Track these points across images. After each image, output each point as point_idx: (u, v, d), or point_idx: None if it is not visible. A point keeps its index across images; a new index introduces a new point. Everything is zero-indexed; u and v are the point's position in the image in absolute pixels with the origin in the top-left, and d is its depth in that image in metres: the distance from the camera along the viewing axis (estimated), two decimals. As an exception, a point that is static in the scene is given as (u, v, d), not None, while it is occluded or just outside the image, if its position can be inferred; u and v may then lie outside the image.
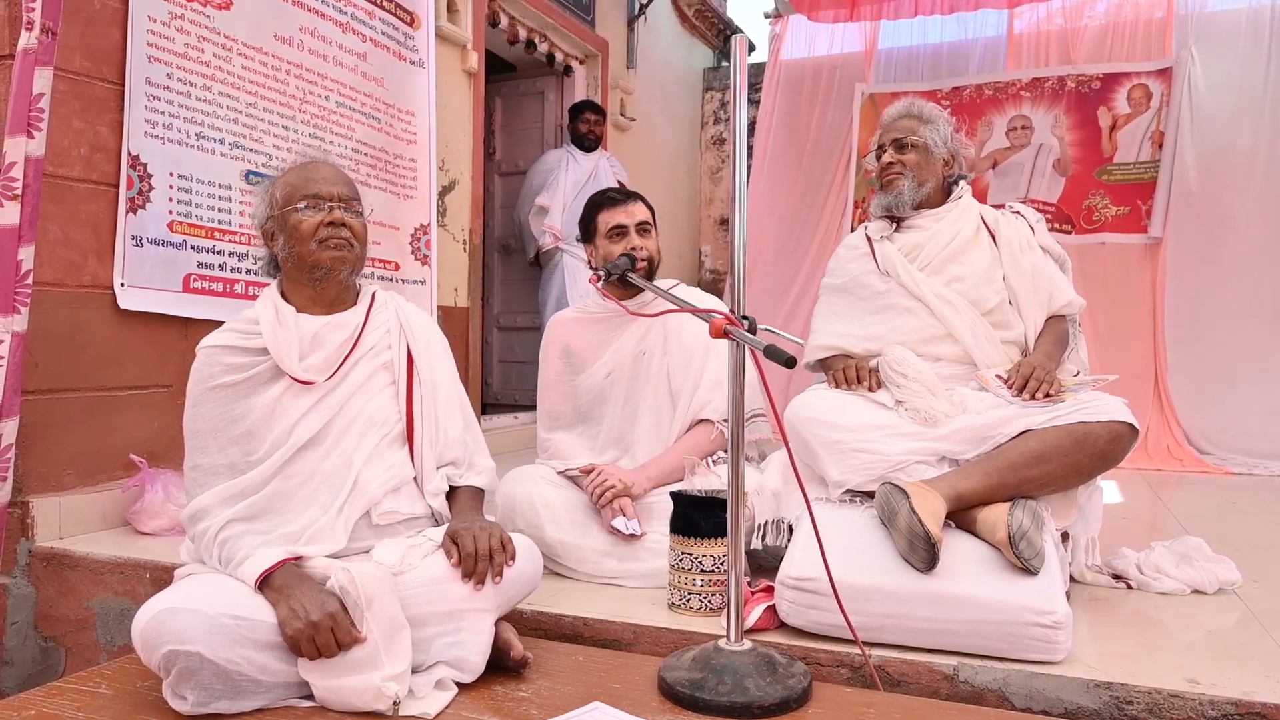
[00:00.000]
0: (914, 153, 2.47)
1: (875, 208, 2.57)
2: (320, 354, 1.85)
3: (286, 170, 1.94)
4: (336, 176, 1.91)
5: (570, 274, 5.02)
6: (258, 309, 1.88)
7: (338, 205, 1.85)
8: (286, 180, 1.89)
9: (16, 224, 2.24)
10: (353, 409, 1.86)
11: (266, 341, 1.82)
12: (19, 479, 2.47)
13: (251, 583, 1.60)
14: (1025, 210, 2.56)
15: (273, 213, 1.88)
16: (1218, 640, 1.86)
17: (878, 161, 2.53)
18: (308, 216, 1.83)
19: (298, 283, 1.89)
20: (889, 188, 2.50)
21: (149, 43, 2.79)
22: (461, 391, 2.05)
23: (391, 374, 1.93)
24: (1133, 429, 2.02)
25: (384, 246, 3.76)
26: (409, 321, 1.99)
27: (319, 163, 1.93)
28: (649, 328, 2.52)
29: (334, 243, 1.84)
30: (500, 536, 1.75)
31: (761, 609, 1.92)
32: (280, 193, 1.88)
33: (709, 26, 7.36)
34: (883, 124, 2.57)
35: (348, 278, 1.91)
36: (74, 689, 1.67)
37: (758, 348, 1.50)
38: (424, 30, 3.98)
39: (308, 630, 1.54)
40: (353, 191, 1.91)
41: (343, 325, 1.89)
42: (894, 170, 2.48)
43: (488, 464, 2.02)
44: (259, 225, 1.92)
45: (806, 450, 2.19)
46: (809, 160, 6.03)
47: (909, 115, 2.52)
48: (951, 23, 5.81)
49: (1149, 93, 5.23)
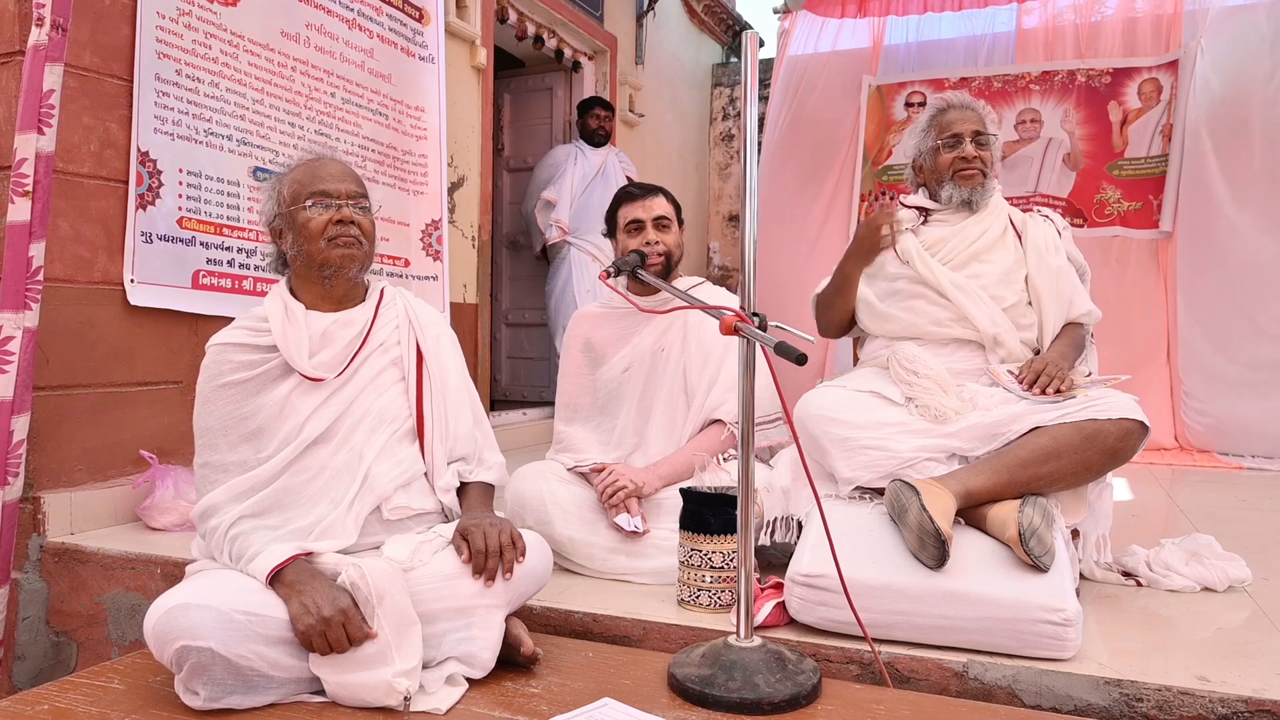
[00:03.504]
0: (988, 150, 2.45)
1: (946, 200, 2.47)
2: (330, 351, 1.85)
3: (293, 167, 1.92)
4: (344, 173, 1.90)
5: (577, 268, 5.02)
6: (267, 306, 1.88)
7: (346, 203, 1.85)
8: (294, 177, 1.88)
9: (27, 220, 2.25)
10: (362, 405, 1.86)
11: (276, 339, 1.82)
12: (30, 475, 2.48)
13: (263, 579, 1.61)
14: (1054, 216, 2.53)
15: (280, 210, 1.88)
16: (1228, 638, 1.85)
17: (951, 151, 2.43)
18: (316, 215, 1.83)
19: (306, 280, 1.89)
20: (968, 181, 2.43)
21: (158, 39, 2.80)
22: (471, 387, 2.05)
23: (401, 370, 1.93)
24: (1143, 426, 2.01)
25: (393, 243, 3.76)
26: (418, 318, 1.99)
27: (326, 159, 1.92)
28: (669, 325, 2.51)
29: (343, 240, 1.83)
30: (510, 533, 1.75)
31: (771, 606, 1.92)
32: (288, 190, 1.87)
33: (718, 22, 7.34)
34: (938, 110, 2.50)
35: (356, 275, 1.91)
36: (86, 683, 1.68)
37: (768, 345, 1.50)
38: (433, 26, 3.98)
39: (319, 626, 1.54)
40: (360, 188, 1.90)
41: (352, 322, 1.89)
42: (976, 165, 2.43)
43: (497, 459, 2.03)
44: (267, 223, 1.92)
45: (816, 447, 2.18)
46: (815, 155, 6.01)
47: (972, 108, 2.48)
48: (960, 19, 5.78)
49: (1159, 86, 5.19)
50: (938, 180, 2.49)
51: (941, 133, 2.47)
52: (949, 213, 2.48)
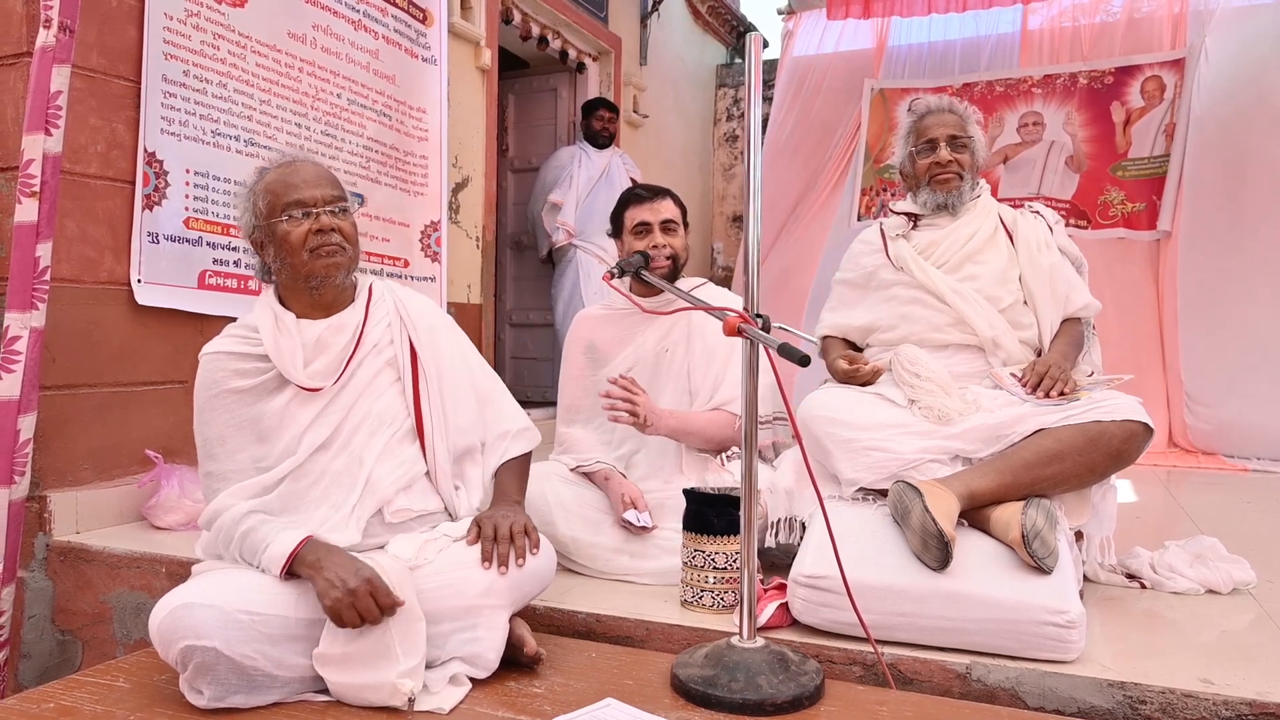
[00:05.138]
0: (966, 152, 2.45)
1: (921, 205, 2.49)
2: (324, 359, 1.82)
3: (264, 174, 1.86)
4: (318, 177, 1.84)
5: (584, 270, 5.02)
6: (256, 315, 1.85)
7: (323, 209, 1.80)
8: (267, 187, 1.82)
9: (35, 221, 2.26)
10: (361, 409, 1.84)
11: (268, 350, 1.79)
12: (36, 474, 2.49)
13: (279, 568, 1.60)
14: (1044, 211, 2.53)
15: (258, 223, 1.83)
16: (1232, 640, 1.85)
17: (926, 157, 2.45)
18: (295, 226, 1.78)
19: (294, 289, 1.85)
20: (944, 186, 2.44)
21: (165, 40, 2.81)
22: (474, 365, 2.03)
23: (396, 370, 1.90)
24: (1147, 428, 2.01)
25: (393, 243, 3.76)
26: (408, 312, 1.95)
27: (297, 163, 1.85)
28: (673, 325, 2.51)
29: (325, 250, 1.79)
30: (525, 524, 1.76)
31: (774, 606, 1.92)
32: (263, 202, 1.81)
33: (722, 23, 7.35)
34: (917, 116, 2.51)
35: (344, 280, 1.87)
36: (92, 682, 1.68)
37: (771, 346, 1.50)
38: (436, 27, 3.99)
39: (347, 599, 1.54)
40: (337, 190, 1.85)
41: (344, 326, 1.86)
42: (951, 169, 2.43)
43: (518, 424, 2.01)
44: (246, 235, 1.87)
45: (819, 448, 2.18)
46: (817, 157, 6.03)
47: (953, 111, 2.48)
48: (964, 20, 5.78)
49: (1162, 84, 5.19)
50: (917, 185, 2.51)
51: (918, 139, 2.49)
52: (938, 216, 2.49)
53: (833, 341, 2.57)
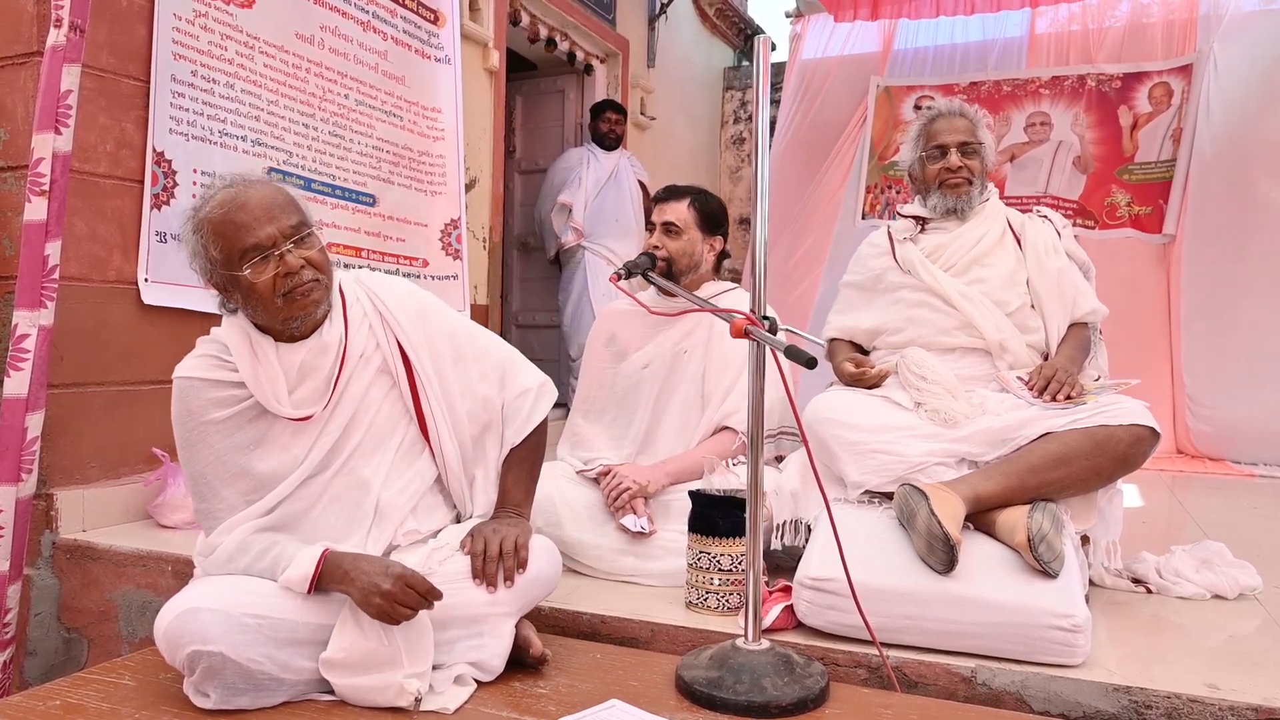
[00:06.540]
0: (977, 158, 2.44)
1: (931, 209, 2.49)
2: (310, 383, 1.70)
3: (206, 208, 1.64)
4: (268, 206, 1.63)
5: (592, 272, 5.03)
6: (228, 337, 1.70)
7: (284, 246, 1.62)
8: (217, 231, 1.61)
9: (44, 219, 2.26)
10: (359, 427, 1.75)
11: (246, 380, 1.66)
12: (44, 471, 2.50)
13: (304, 589, 1.57)
14: (1053, 215, 2.53)
15: (215, 269, 1.65)
16: (1238, 645, 1.85)
17: (936, 162, 2.44)
18: (260, 275, 1.61)
19: (270, 323, 1.70)
20: (954, 191, 2.44)
21: (174, 40, 2.81)
22: (473, 336, 1.91)
23: (390, 375, 1.80)
24: (1154, 432, 2.00)
25: (409, 243, 3.77)
26: (387, 306, 1.82)
27: (241, 195, 1.63)
28: (694, 328, 2.51)
29: (300, 291, 1.64)
30: (516, 540, 1.71)
31: (779, 609, 1.92)
32: (216, 250, 1.62)
33: (730, 26, 7.35)
34: (927, 119, 2.50)
35: (325, 309, 1.73)
36: (97, 679, 1.69)
37: (778, 348, 1.50)
38: (449, 28, 4.00)
39: (387, 605, 1.52)
40: (294, 214, 1.66)
41: (327, 346, 1.72)
42: (961, 175, 2.43)
43: (535, 379, 1.91)
44: (205, 280, 1.69)
45: (825, 451, 2.18)
46: (823, 157, 6.02)
47: (964, 116, 2.47)
48: (971, 25, 5.78)
49: (1170, 90, 5.18)
50: (926, 189, 2.51)
51: (928, 143, 2.48)
52: (946, 219, 2.49)
53: (839, 344, 2.57)
